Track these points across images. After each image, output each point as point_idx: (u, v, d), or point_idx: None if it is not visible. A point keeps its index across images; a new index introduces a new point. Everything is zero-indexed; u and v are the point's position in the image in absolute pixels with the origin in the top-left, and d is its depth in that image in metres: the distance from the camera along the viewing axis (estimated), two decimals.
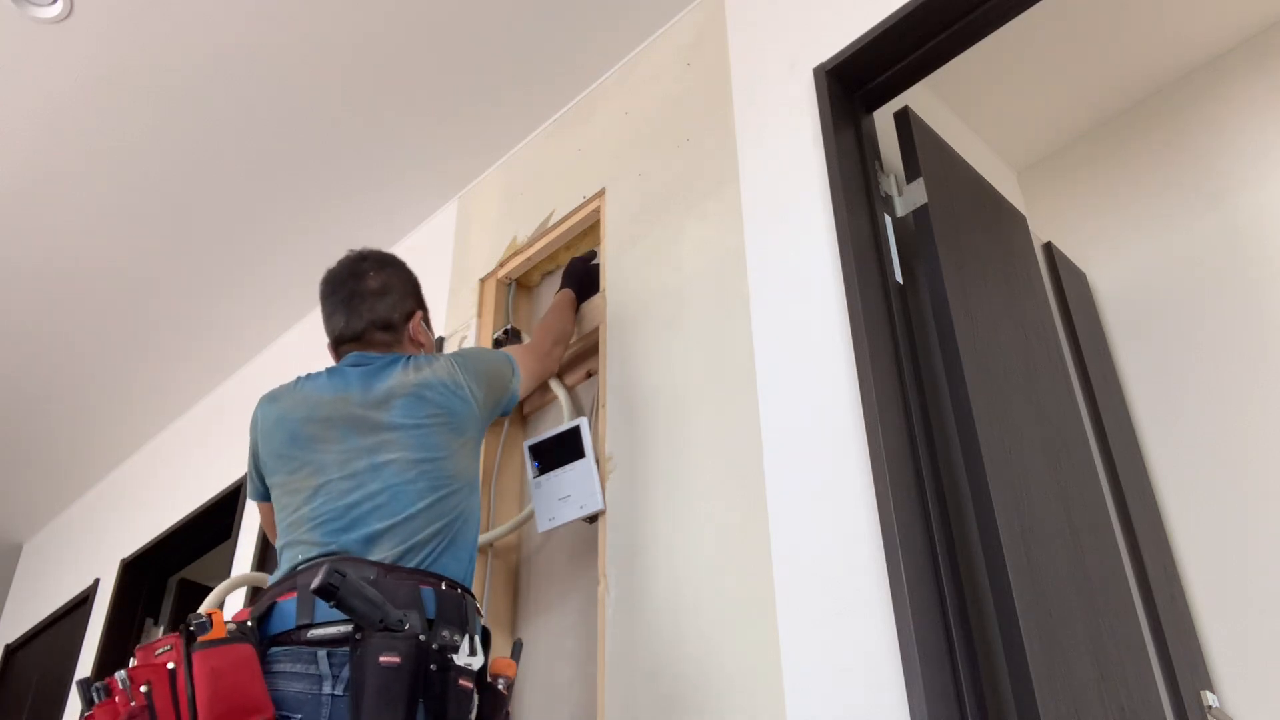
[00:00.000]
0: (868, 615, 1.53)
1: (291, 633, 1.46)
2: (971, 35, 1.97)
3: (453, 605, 1.53)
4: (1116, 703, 1.67)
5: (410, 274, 1.98)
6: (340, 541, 1.57)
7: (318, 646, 1.44)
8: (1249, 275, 2.47)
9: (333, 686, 1.42)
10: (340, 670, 1.42)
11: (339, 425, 1.70)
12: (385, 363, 1.80)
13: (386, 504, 1.61)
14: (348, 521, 1.59)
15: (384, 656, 1.38)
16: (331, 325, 1.88)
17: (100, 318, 3.44)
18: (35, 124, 2.72)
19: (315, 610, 1.46)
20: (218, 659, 1.36)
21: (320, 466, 1.67)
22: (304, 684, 1.42)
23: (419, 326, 1.92)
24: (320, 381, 1.79)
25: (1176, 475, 2.43)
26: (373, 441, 1.67)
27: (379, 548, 1.56)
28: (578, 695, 2.00)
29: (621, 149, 2.49)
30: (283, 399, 1.79)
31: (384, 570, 1.52)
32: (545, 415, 2.43)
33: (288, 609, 1.48)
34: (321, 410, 1.73)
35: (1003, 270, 2.17)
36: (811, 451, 1.73)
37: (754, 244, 2.02)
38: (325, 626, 1.44)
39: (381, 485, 1.62)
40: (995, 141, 2.96)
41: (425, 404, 1.73)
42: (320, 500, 1.63)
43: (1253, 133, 2.61)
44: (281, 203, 3.03)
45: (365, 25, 2.51)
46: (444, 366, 1.80)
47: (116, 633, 3.75)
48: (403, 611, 1.44)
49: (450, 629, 1.48)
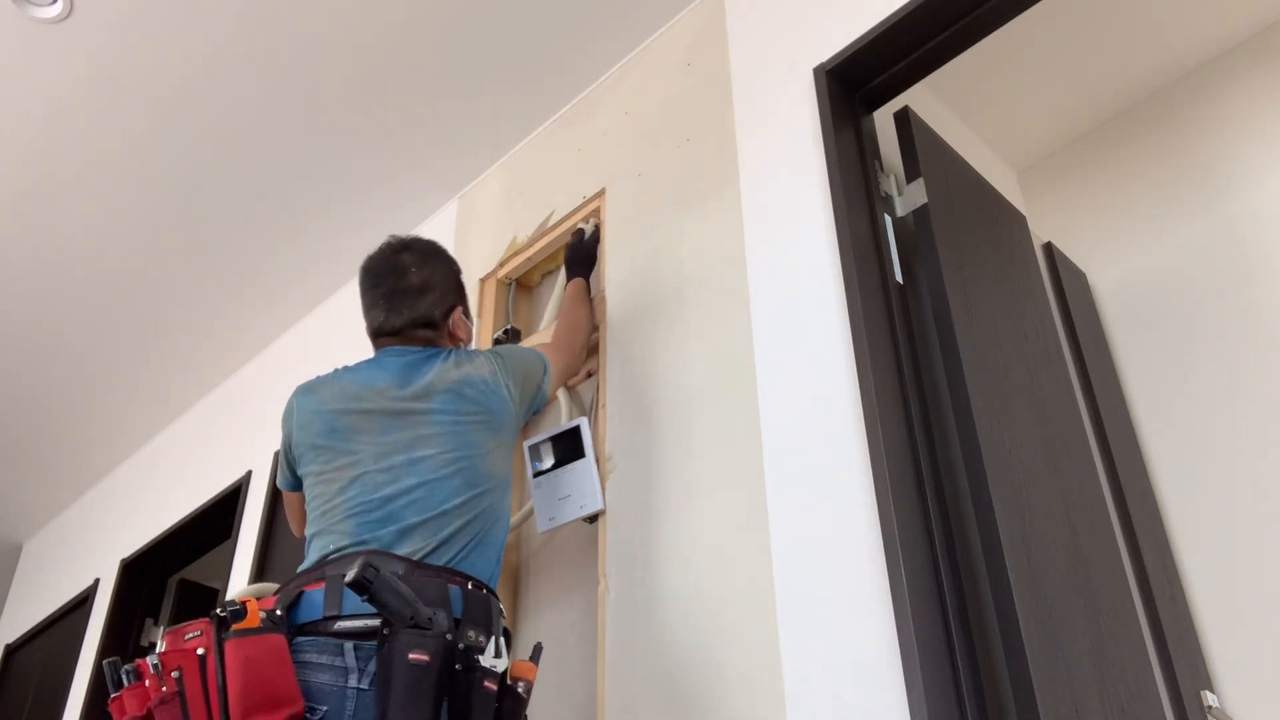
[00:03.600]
0: (868, 615, 1.53)
1: (319, 623, 1.45)
2: (971, 35, 1.97)
3: (479, 606, 1.53)
4: (1116, 703, 1.67)
5: (452, 265, 1.95)
6: (373, 534, 1.57)
7: (345, 639, 1.43)
8: (1249, 275, 2.48)
9: (358, 680, 1.41)
10: (366, 664, 1.42)
11: (377, 417, 1.69)
12: (425, 356, 1.78)
13: (421, 499, 1.60)
14: (383, 514, 1.59)
15: (413, 654, 1.38)
16: (371, 318, 1.87)
17: (100, 318, 3.44)
18: (35, 124, 2.72)
19: (344, 602, 1.45)
20: (251, 648, 1.35)
21: (357, 458, 1.66)
22: (330, 676, 1.41)
23: (459, 320, 1.90)
24: (359, 373, 1.78)
25: (1176, 475, 2.43)
26: (410, 436, 1.67)
27: (410, 542, 1.56)
28: (578, 695, 2.00)
29: (621, 149, 2.49)
30: (320, 390, 1.78)
31: (412, 566, 1.52)
32: (545, 415, 2.43)
33: (316, 599, 1.47)
34: (360, 402, 1.72)
35: (1003, 270, 2.17)
36: (811, 451, 1.73)
37: (754, 244, 2.02)
38: (353, 619, 1.44)
39: (417, 480, 1.62)
40: (995, 141, 2.96)
41: (465, 400, 1.72)
42: (355, 491, 1.62)
43: (1253, 133, 2.61)
44: (282, 203, 3.03)
45: (365, 26, 2.51)
46: (485, 364, 1.79)
47: (116, 633, 3.75)
48: (432, 609, 1.44)
49: (476, 629, 1.48)
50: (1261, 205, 2.52)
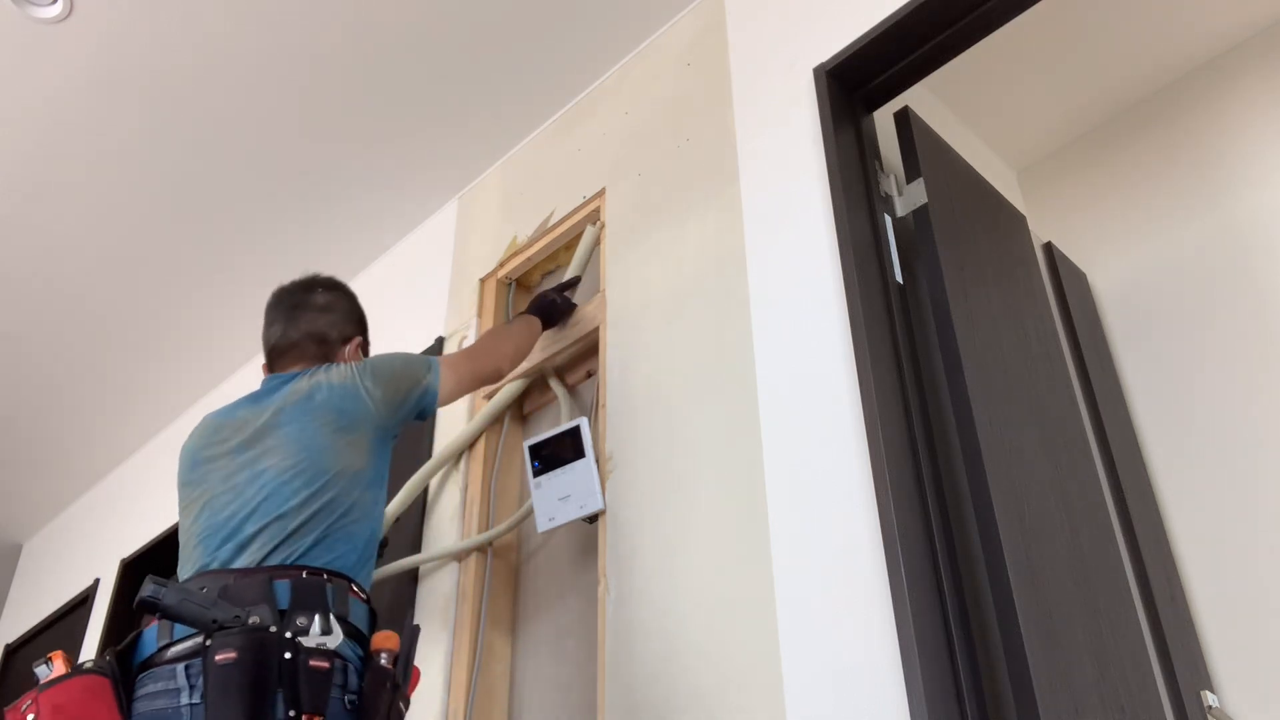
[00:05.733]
0: (868, 615, 1.53)
1: (154, 656, 1.49)
2: (971, 35, 1.97)
3: (310, 591, 1.53)
4: (1116, 703, 1.67)
5: (358, 305, 1.99)
6: (213, 555, 1.59)
7: (176, 663, 1.46)
8: (1250, 275, 2.47)
9: (190, 696, 1.43)
10: (196, 679, 1.44)
11: (230, 445, 1.73)
12: (285, 379, 1.80)
13: (260, 507, 1.62)
14: (225, 534, 1.61)
15: (219, 654, 1.41)
16: (269, 335, 1.89)
17: (100, 317, 3.44)
18: (35, 124, 2.72)
19: (174, 630, 1.48)
20: (59, 695, 1.41)
21: (206, 487, 1.70)
22: (165, 700, 1.44)
23: (355, 352, 1.91)
24: (225, 409, 1.82)
25: (1176, 475, 2.43)
26: (257, 451, 1.69)
27: (248, 553, 1.58)
28: (578, 695, 2.00)
29: (621, 149, 2.49)
30: (193, 434, 1.82)
31: (241, 575, 1.53)
32: (545, 415, 2.43)
33: (150, 635, 1.51)
34: (220, 434, 1.76)
35: (1003, 270, 2.17)
36: (812, 451, 1.73)
37: (754, 244, 2.02)
38: (181, 642, 1.47)
39: (257, 489, 1.64)
40: (995, 141, 2.95)
41: (310, 404, 1.73)
42: (204, 518, 1.66)
43: (1253, 132, 2.61)
44: (281, 203, 3.03)
45: (364, 26, 2.51)
46: (341, 372, 1.80)
47: (116, 633, 3.74)
48: (245, 608, 1.46)
49: (305, 615, 1.49)
50: (1262, 205, 2.51)
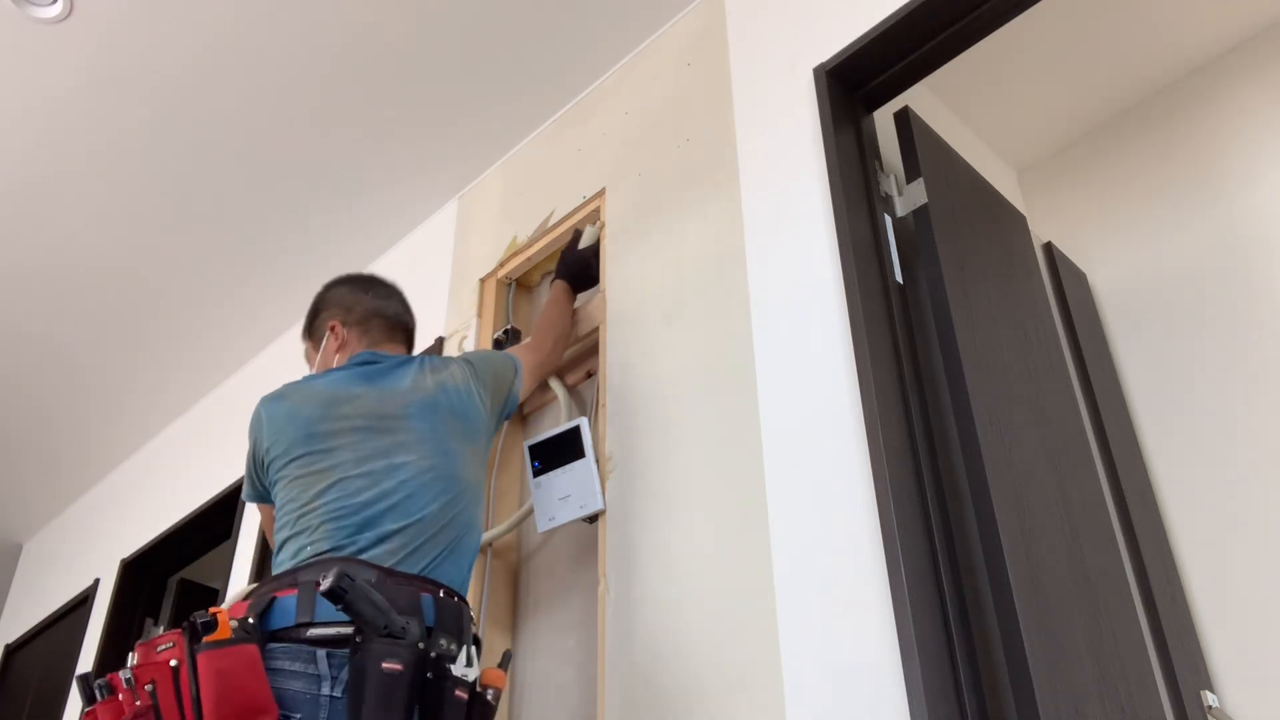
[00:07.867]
0: (868, 615, 1.53)
1: (291, 630, 1.45)
2: (971, 35, 1.96)
3: (451, 614, 1.53)
4: (1116, 703, 1.67)
5: None
6: (350, 539, 1.56)
7: (317, 646, 1.43)
8: (1249, 275, 2.47)
9: (331, 688, 1.41)
10: (339, 672, 1.42)
11: (355, 422, 1.69)
12: (397, 363, 1.80)
13: (401, 504, 1.60)
14: (361, 520, 1.58)
15: (387, 663, 1.38)
16: (386, 306, 1.97)
17: (100, 318, 3.44)
18: (35, 124, 2.72)
19: (316, 608, 1.45)
20: (224, 660, 1.34)
21: (335, 462, 1.65)
22: (302, 683, 1.41)
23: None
24: (332, 378, 1.79)
25: (1176, 475, 2.43)
26: (389, 442, 1.67)
27: (387, 547, 1.55)
28: (578, 695, 2.00)
29: (621, 149, 2.49)
30: (291, 396, 1.78)
31: (385, 574, 1.51)
32: (545, 415, 2.43)
33: (288, 605, 1.47)
34: (337, 406, 1.72)
35: (1003, 270, 2.17)
36: (812, 451, 1.73)
37: (754, 244, 2.02)
38: (325, 626, 1.43)
39: (397, 484, 1.62)
40: (995, 141, 2.95)
41: (440, 407, 1.73)
42: (333, 495, 1.62)
43: (1253, 133, 2.61)
44: (282, 203, 3.03)
45: (364, 26, 2.51)
46: (459, 371, 1.80)
47: (116, 633, 3.75)
48: (405, 618, 1.44)
49: (448, 638, 1.48)
50: (1262, 205, 2.51)
